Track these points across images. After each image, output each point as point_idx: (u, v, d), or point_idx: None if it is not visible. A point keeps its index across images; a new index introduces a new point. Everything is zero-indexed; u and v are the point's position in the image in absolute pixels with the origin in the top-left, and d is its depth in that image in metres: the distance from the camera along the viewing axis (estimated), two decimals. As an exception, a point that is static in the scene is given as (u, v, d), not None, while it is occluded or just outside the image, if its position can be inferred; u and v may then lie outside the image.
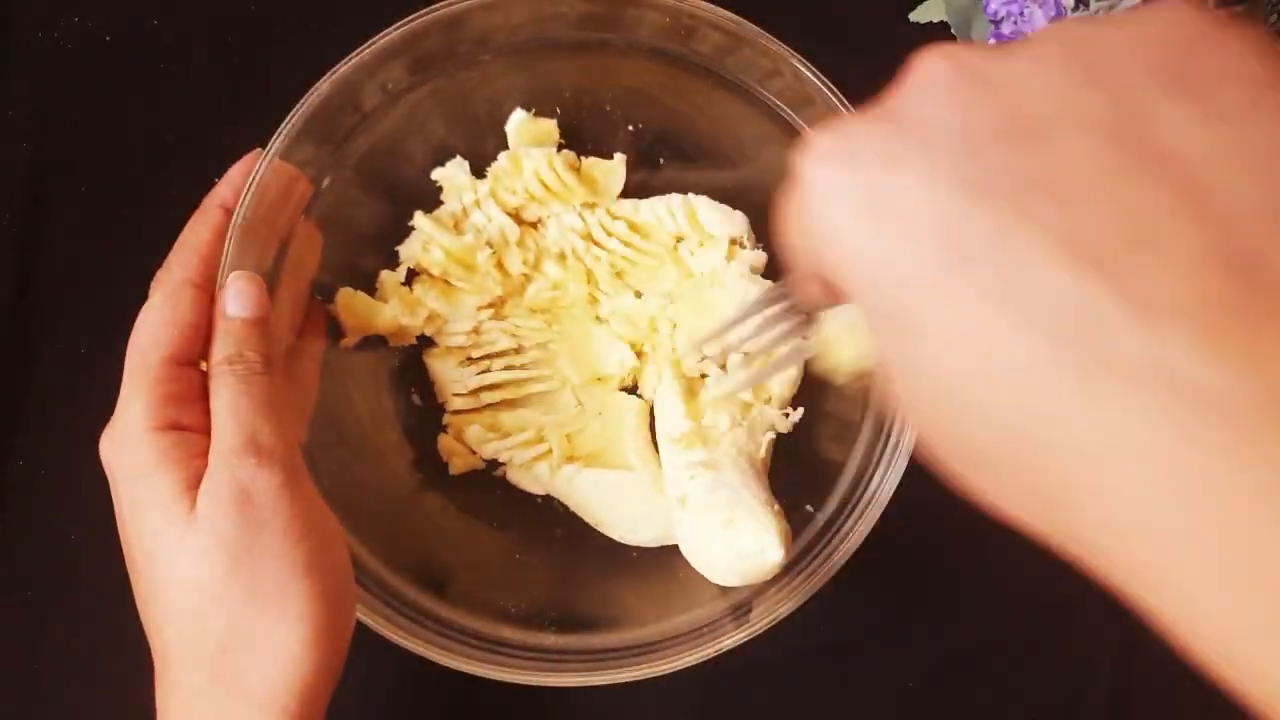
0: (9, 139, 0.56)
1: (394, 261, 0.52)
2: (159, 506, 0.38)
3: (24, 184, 0.56)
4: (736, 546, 0.46)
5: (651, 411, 0.53)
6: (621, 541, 0.51)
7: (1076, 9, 0.38)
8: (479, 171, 0.53)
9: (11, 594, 0.53)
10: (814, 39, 0.48)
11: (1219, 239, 0.18)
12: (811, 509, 0.49)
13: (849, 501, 0.48)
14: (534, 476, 0.52)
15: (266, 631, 0.37)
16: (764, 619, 0.46)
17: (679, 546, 0.49)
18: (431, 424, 0.53)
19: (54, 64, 0.57)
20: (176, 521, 0.38)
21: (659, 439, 0.51)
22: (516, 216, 0.53)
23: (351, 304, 0.51)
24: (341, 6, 0.57)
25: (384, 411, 0.53)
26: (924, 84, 0.23)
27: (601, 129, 0.54)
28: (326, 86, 0.47)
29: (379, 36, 0.47)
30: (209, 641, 0.37)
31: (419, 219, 0.52)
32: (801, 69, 0.48)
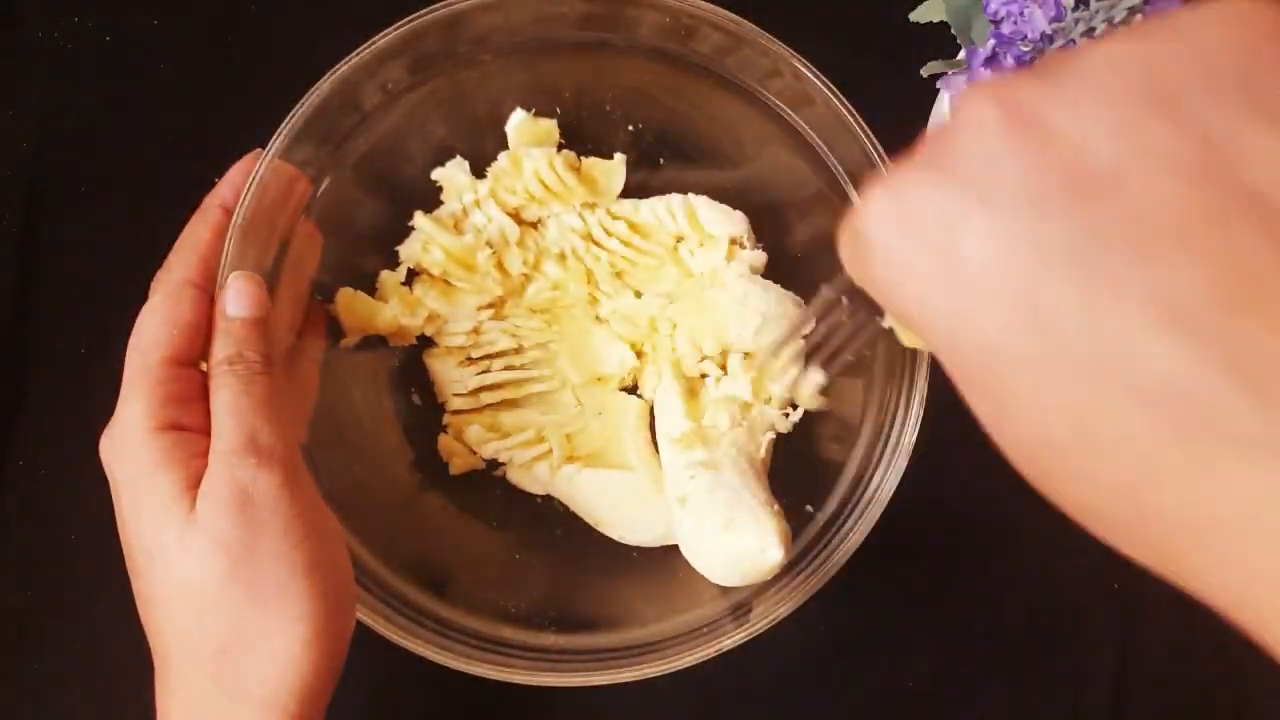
0: (9, 139, 0.56)
1: (394, 261, 0.52)
2: (159, 507, 0.38)
3: (24, 184, 0.56)
4: (736, 546, 0.46)
5: (652, 411, 0.53)
6: (621, 541, 0.51)
7: (1077, 9, 0.38)
8: (479, 171, 0.53)
9: (11, 594, 0.53)
10: (814, 39, 0.48)
11: None
12: (811, 509, 0.49)
13: (849, 501, 0.48)
14: (534, 476, 0.52)
15: (266, 631, 0.37)
16: (764, 619, 0.46)
17: (679, 546, 0.49)
18: (431, 424, 0.53)
19: (54, 64, 0.57)
20: (176, 522, 0.38)
21: (659, 439, 0.51)
22: (516, 216, 0.53)
23: (351, 304, 0.51)
24: (341, 6, 0.57)
25: (384, 411, 0.53)
26: (974, 134, 0.21)
27: (601, 129, 0.54)
28: (326, 86, 0.47)
29: (379, 36, 0.47)
30: (209, 641, 0.37)
31: (419, 219, 0.52)
32: (801, 69, 0.48)
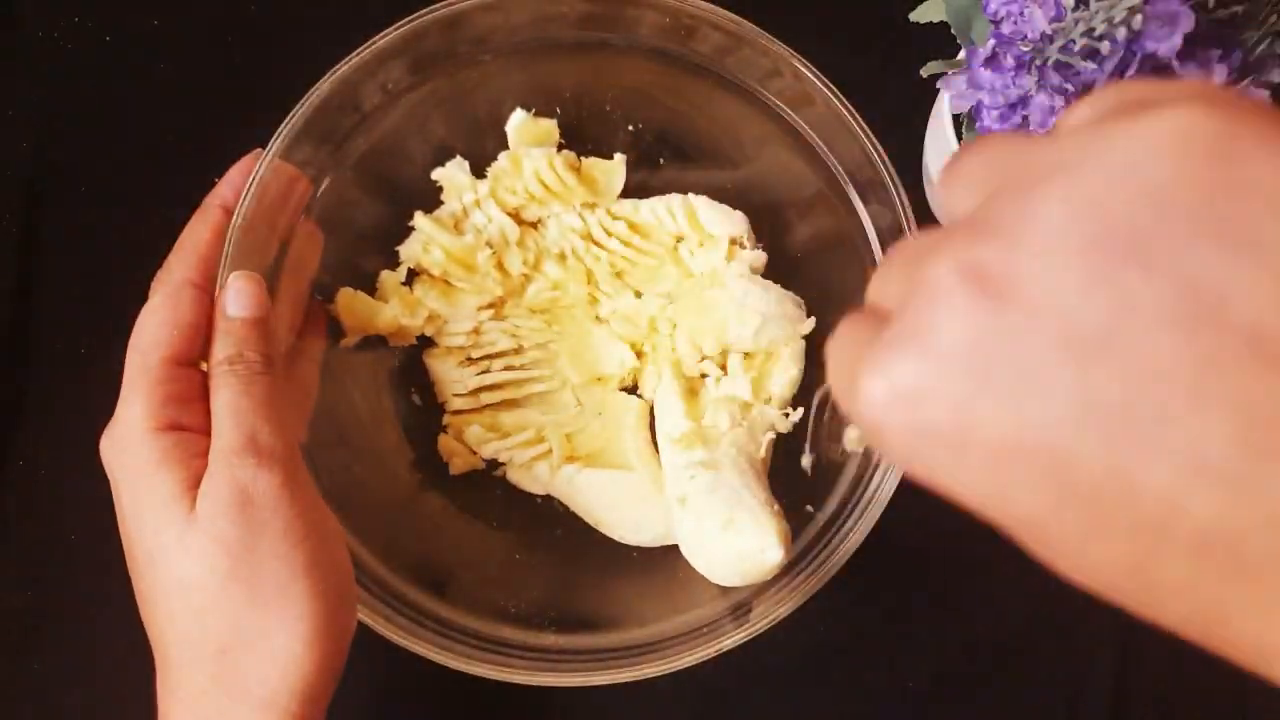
0: (9, 139, 0.56)
1: (394, 261, 0.52)
2: (159, 507, 0.38)
3: (24, 184, 0.56)
4: (736, 546, 0.46)
5: (652, 411, 0.53)
6: (622, 541, 0.51)
7: (1077, 9, 0.38)
8: (479, 171, 0.53)
9: (11, 594, 0.53)
10: (814, 39, 0.48)
11: None
12: (811, 509, 0.49)
13: (849, 501, 0.48)
14: (534, 476, 0.52)
15: (267, 631, 0.37)
16: (764, 619, 0.46)
17: (679, 546, 0.49)
18: (431, 424, 0.53)
19: (54, 64, 0.57)
20: (177, 522, 0.38)
21: (659, 439, 0.51)
22: (516, 216, 0.53)
23: (352, 304, 0.51)
24: (341, 6, 0.57)
25: (384, 411, 0.53)
26: (948, 307, 0.20)
27: (601, 129, 0.54)
28: (326, 86, 0.47)
29: (379, 36, 0.47)
30: (209, 642, 0.37)
31: (419, 219, 0.52)
32: (801, 69, 0.48)
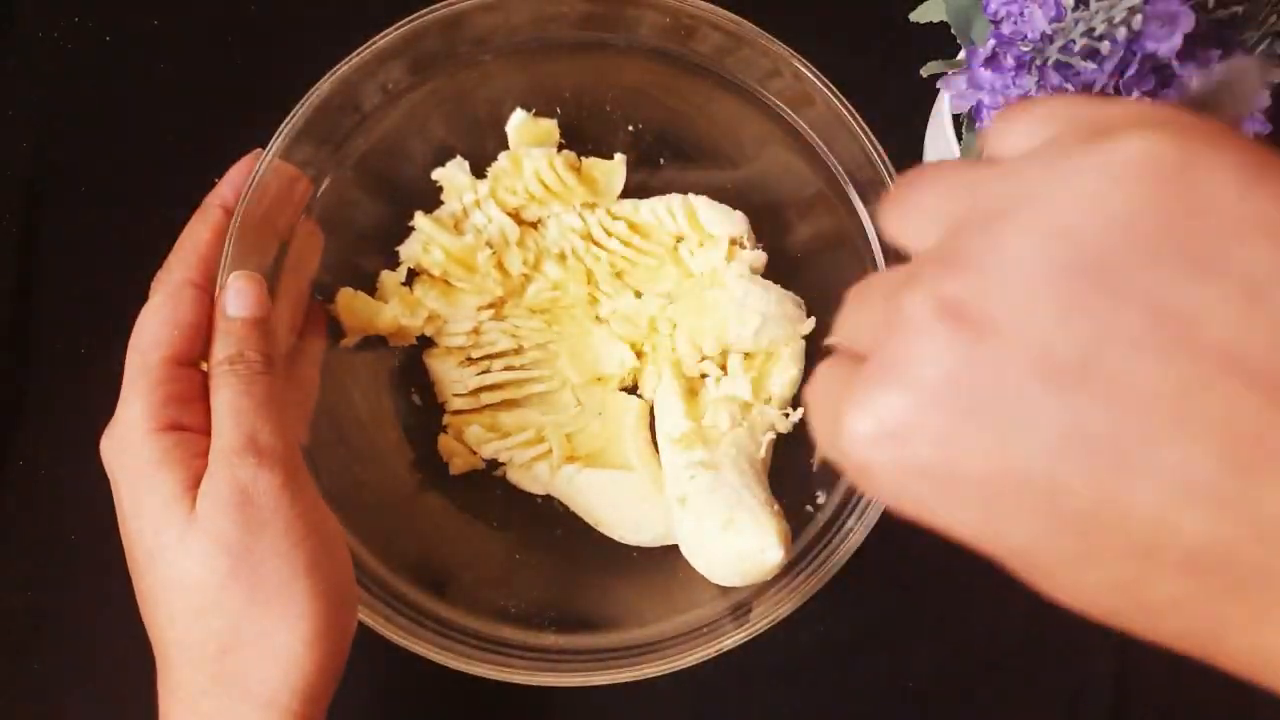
0: (9, 139, 0.56)
1: (394, 261, 0.52)
2: (160, 507, 0.38)
3: (24, 184, 0.56)
4: (736, 546, 0.46)
5: (652, 411, 0.53)
6: (622, 541, 0.51)
7: (1077, 9, 0.38)
8: (479, 171, 0.53)
9: (11, 594, 0.53)
10: (814, 39, 0.48)
11: None
12: (811, 509, 0.49)
13: (849, 501, 0.48)
14: (534, 476, 0.52)
15: (268, 631, 0.37)
16: (764, 619, 0.46)
17: (679, 546, 0.49)
18: (431, 424, 0.53)
19: (54, 64, 0.57)
20: (177, 522, 0.38)
21: (659, 439, 0.51)
22: (516, 216, 0.53)
23: (352, 304, 0.51)
24: (341, 6, 0.57)
25: (384, 411, 0.53)
26: (927, 342, 0.20)
27: (601, 129, 0.54)
28: (326, 86, 0.47)
29: (379, 36, 0.47)
30: (210, 641, 0.37)
31: (419, 219, 0.52)
32: (801, 69, 0.48)
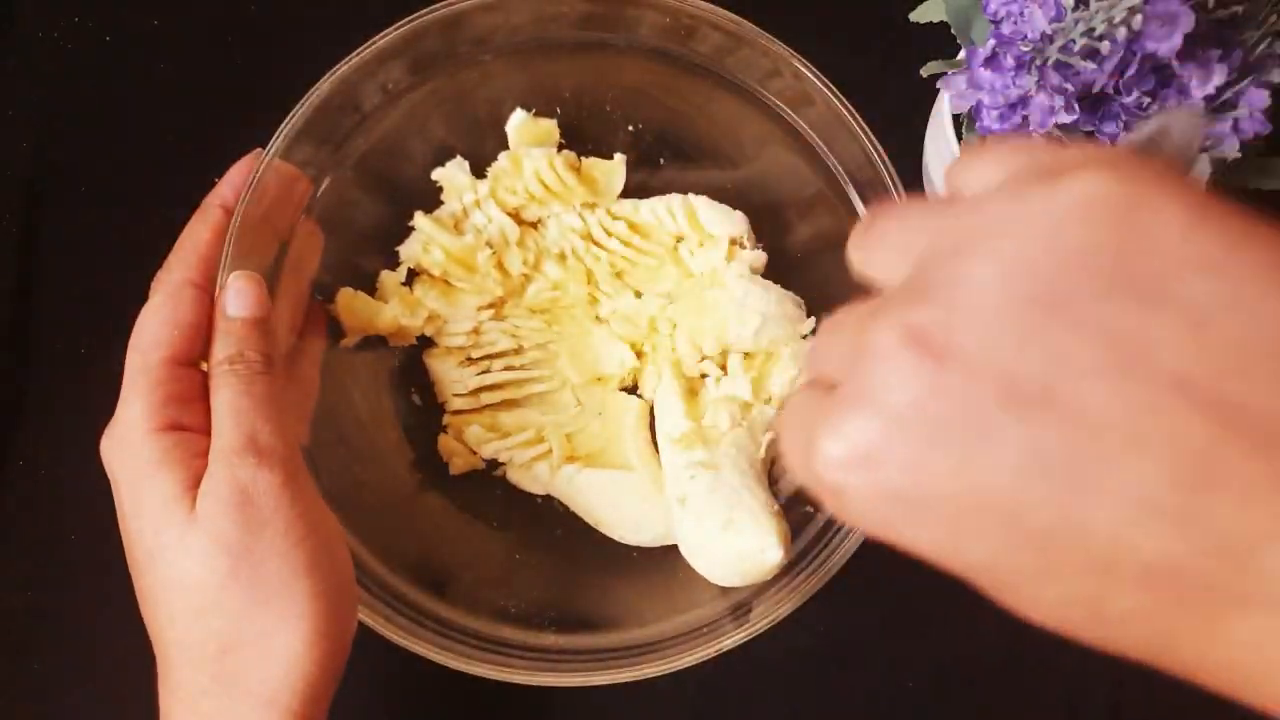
0: (9, 139, 0.56)
1: (394, 261, 0.52)
2: (160, 507, 0.38)
3: (24, 184, 0.56)
4: (736, 547, 0.46)
5: (652, 411, 0.53)
6: (622, 541, 0.51)
7: (1077, 9, 0.38)
8: (479, 171, 0.53)
9: (11, 594, 0.53)
10: (814, 39, 0.48)
11: (1277, 459, 0.18)
12: (811, 509, 0.49)
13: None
14: (534, 476, 0.52)
15: (268, 631, 0.37)
16: (764, 619, 0.46)
17: (679, 546, 0.49)
18: (431, 424, 0.53)
19: (54, 64, 0.57)
20: (177, 522, 0.38)
21: (659, 439, 0.51)
22: (516, 216, 0.53)
23: (352, 304, 0.51)
24: (341, 6, 0.57)
25: (384, 411, 0.53)
26: (895, 370, 0.21)
27: (601, 129, 0.54)
28: (326, 86, 0.47)
29: (379, 36, 0.47)
30: (211, 641, 0.37)
31: (419, 219, 0.52)
32: (801, 69, 0.48)
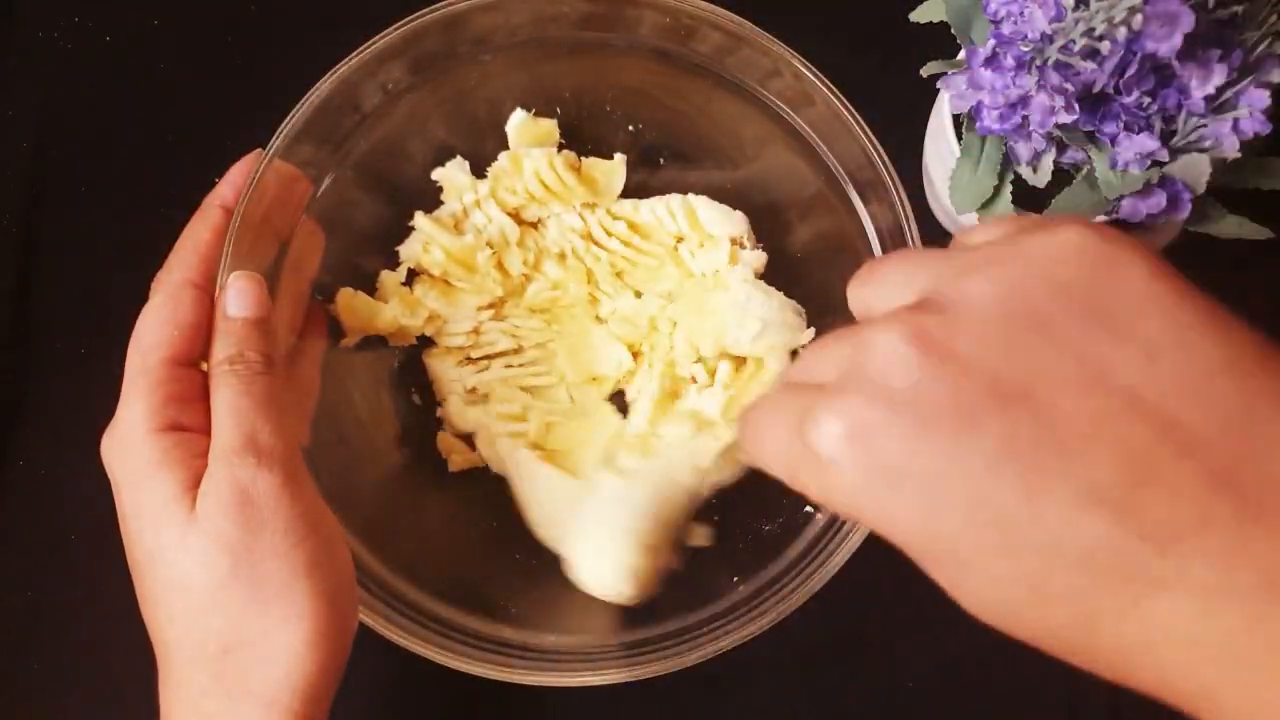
0: (9, 139, 0.56)
1: (394, 261, 0.52)
2: (160, 507, 0.38)
3: (24, 184, 0.56)
4: (594, 561, 0.48)
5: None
6: (540, 540, 0.51)
7: (1077, 9, 0.38)
8: (479, 171, 0.53)
9: (11, 594, 0.53)
10: (814, 39, 0.48)
11: (1201, 465, 0.23)
12: (812, 509, 0.49)
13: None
14: (497, 450, 0.52)
15: (269, 631, 0.37)
16: (765, 618, 0.46)
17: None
18: (431, 424, 0.53)
19: (54, 64, 0.57)
20: (177, 522, 0.38)
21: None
22: (517, 216, 0.53)
23: (352, 304, 0.51)
24: (341, 6, 0.57)
25: (384, 411, 0.53)
26: (898, 362, 0.25)
27: (601, 129, 0.54)
28: (326, 86, 0.47)
29: (379, 36, 0.47)
30: (211, 641, 0.37)
31: (419, 219, 0.52)
32: (801, 69, 0.48)
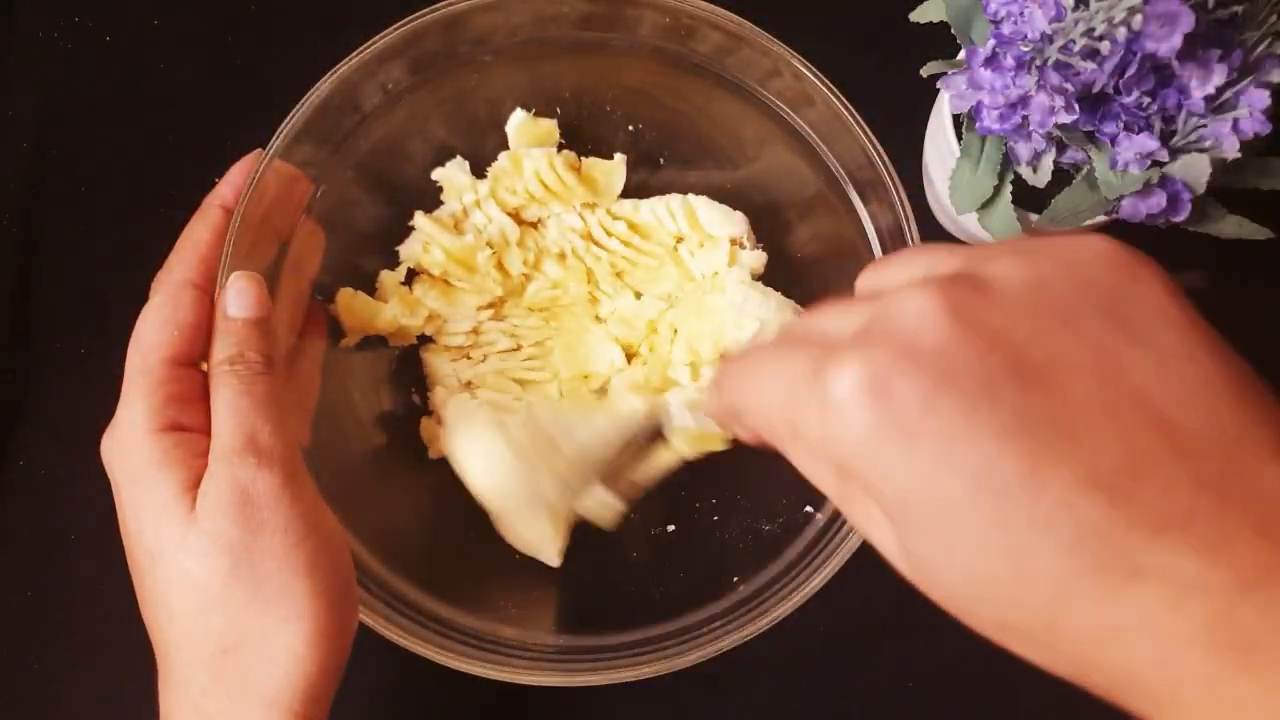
0: (9, 138, 0.56)
1: (394, 261, 0.52)
2: (160, 507, 0.38)
3: (24, 184, 0.56)
4: (469, 449, 0.50)
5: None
6: (498, 530, 0.51)
7: (1077, 9, 0.38)
8: (479, 171, 0.53)
9: (11, 594, 0.53)
10: (814, 39, 0.48)
11: (1195, 467, 0.24)
12: (812, 509, 0.49)
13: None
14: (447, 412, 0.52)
15: (269, 631, 0.37)
16: (764, 619, 0.46)
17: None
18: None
19: (54, 64, 0.57)
20: (177, 522, 0.38)
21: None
22: (516, 216, 0.53)
23: (352, 304, 0.51)
24: (341, 6, 0.57)
25: (384, 411, 0.53)
26: (925, 322, 0.26)
27: (601, 129, 0.54)
28: (326, 86, 0.47)
29: (379, 36, 0.47)
30: (211, 641, 0.37)
31: (419, 219, 0.52)
32: (801, 69, 0.48)
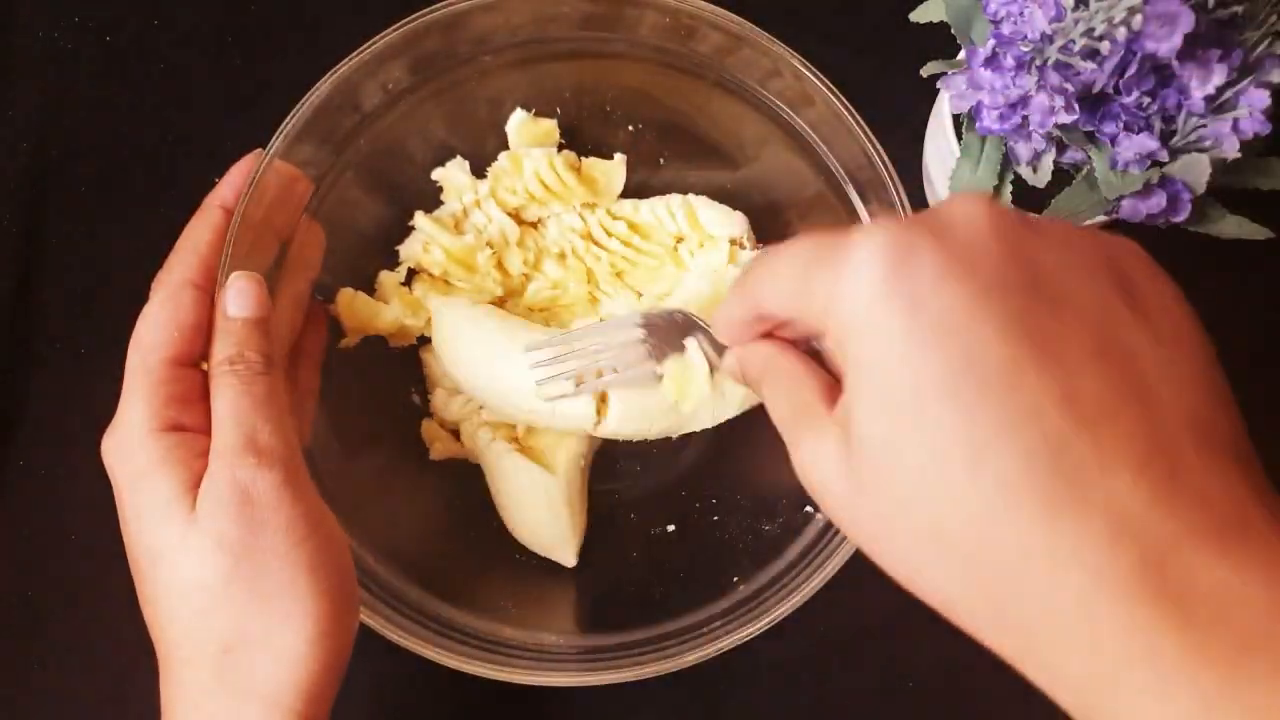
0: (9, 139, 0.56)
1: (394, 261, 0.52)
2: (160, 507, 0.38)
3: (24, 184, 0.56)
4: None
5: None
6: (509, 528, 0.52)
7: (1077, 9, 0.38)
8: (479, 171, 0.53)
9: (11, 594, 0.53)
10: (814, 39, 0.49)
11: (1158, 429, 0.26)
12: (812, 509, 0.49)
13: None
14: (477, 440, 0.52)
15: (270, 630, 0.37)
16: (764, 619, 0.46)
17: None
18: (431, 424, 0.53)
19: (54, 64, 0.57)
20: (178, 522, 0.38)
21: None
22: (517, 216, 0.53)
23: (352, 304, 0.51)
24: (342, 7, 0.57)
25: (384, 411, 0.53)
26: (972, 222, 0.27)
27: (601, 129, 0.54)
28: (326, 86, 0.47)
29: (379, 36, 0.47)
30: (212, 641, 0.37)
31: (419, 219, 0.52)
32: (801, 69, 0.48)
